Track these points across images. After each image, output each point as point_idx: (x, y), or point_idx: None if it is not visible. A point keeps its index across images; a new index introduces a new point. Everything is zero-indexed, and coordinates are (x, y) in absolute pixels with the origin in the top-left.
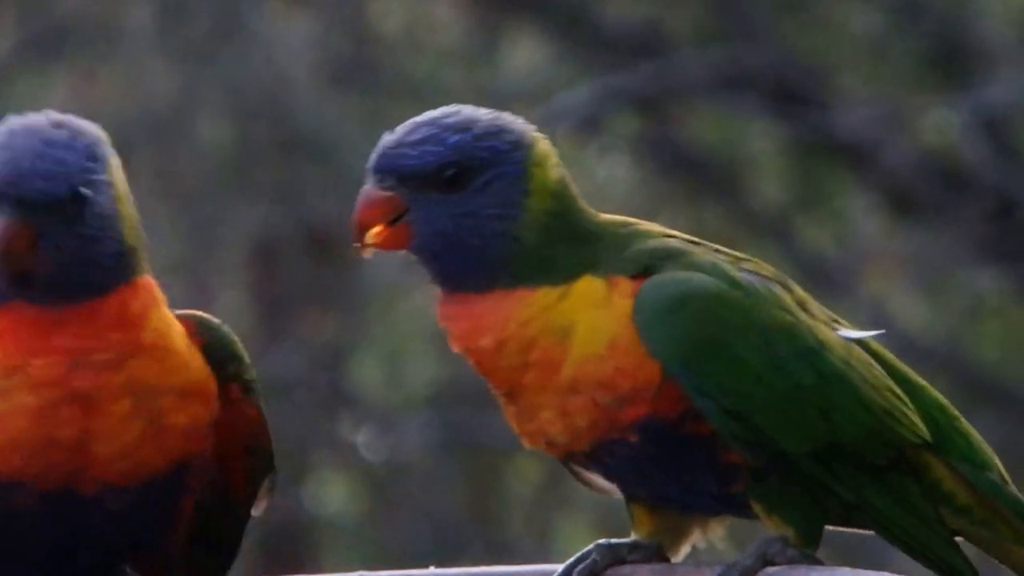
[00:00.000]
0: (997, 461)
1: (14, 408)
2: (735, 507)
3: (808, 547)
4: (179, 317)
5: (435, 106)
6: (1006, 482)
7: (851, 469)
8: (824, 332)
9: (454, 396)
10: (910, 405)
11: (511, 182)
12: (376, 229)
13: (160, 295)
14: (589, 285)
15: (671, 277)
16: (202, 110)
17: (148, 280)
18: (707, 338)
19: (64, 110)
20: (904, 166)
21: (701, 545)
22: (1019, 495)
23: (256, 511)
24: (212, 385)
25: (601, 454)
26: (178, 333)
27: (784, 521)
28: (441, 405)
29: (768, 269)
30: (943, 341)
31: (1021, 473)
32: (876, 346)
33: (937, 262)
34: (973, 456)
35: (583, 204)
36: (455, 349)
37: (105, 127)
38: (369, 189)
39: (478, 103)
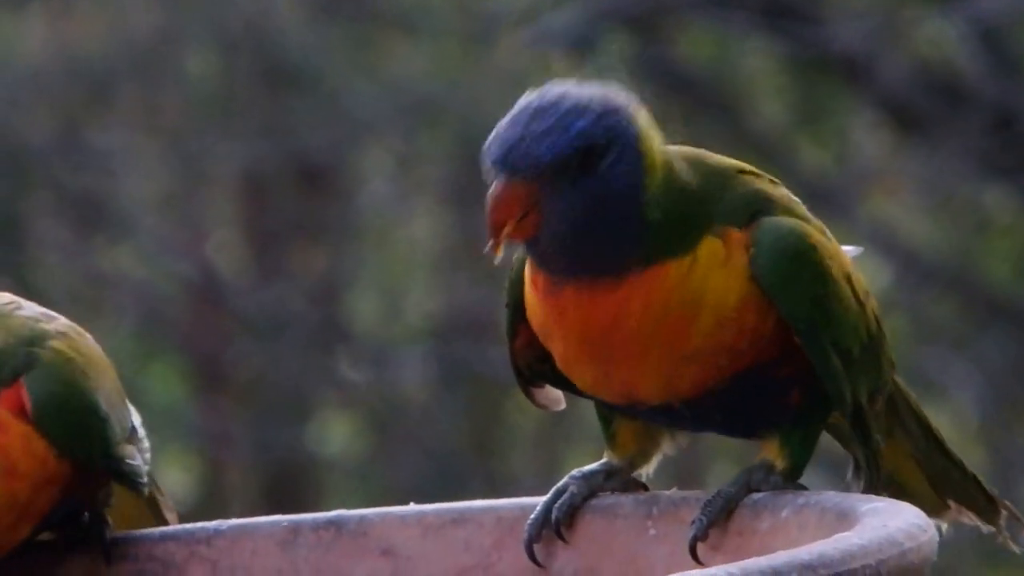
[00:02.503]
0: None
1: None
2: (755, 433)
3: (792, 476)
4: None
5: (423, 33)
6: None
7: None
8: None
9: (453, 329)
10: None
11: (631, 162)
12: (510, 228)
13: None
14: (711, 247)
15: (784, 229)
16: (186, 43)
17: None
18: (822, 289)
19: (44, 48)
20: (901, 80)
21: (670, 453)
22: (905, 389)
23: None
24: (56, 469)
25: (680, 406)
26: None
27: (779, 449)
28: (440, 338)
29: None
30: (949, 259)
31: None
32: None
33: (940, 178)
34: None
35: (676, 158)
36: (573, 337)
37: (87, 63)
38: (501, 186)
39: (467, 27)
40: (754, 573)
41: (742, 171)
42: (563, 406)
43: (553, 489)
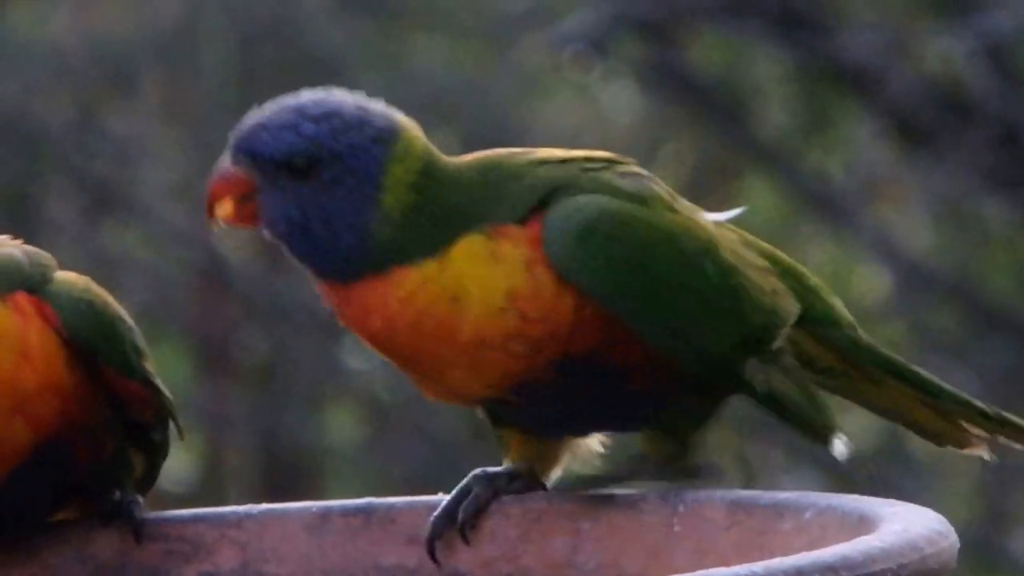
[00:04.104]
0: (846, 312)
1: None
2: (629, 427)
3: (678, 464)
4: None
5: (443, 30)
6: (855, 327)
7: (759, 359)
8: (704, 222)
9: None
10: (781, 279)
11: (365, 179)
12: (227, 203)
13: None
14: (469, 245)
15: (571, 208)
16: (207, 32)
17: None
18: (627, 262)
19: (66, 34)
20: (909, 93)
21: (574, 466)
22: (872, 341)
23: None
24: (67, 377)
25: (510, 396)
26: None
27: (656, 440)
28: None
29: (635, 164)
30: (951, 269)
31: None
32: (732, 227)
33: (943, 190)
34: (829, 315)
35: (450, 170)
36: (344, 325)
37: (109, 49)
38: (224, 163)
39: (485, 27)
40: (778, 573)
41: (543, 162)
42: None
43: (457, 488)
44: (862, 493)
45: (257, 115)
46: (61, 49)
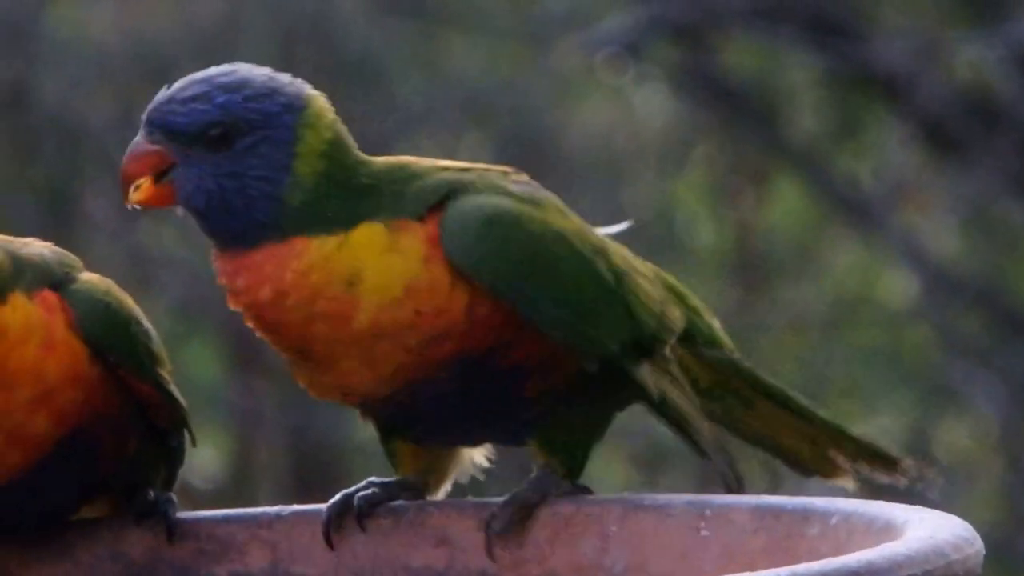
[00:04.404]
0: (725, 335)
1: None
2: (518, 437)
3: (574, 477)
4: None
5: (480, 32)
6: (733, 350)
7: (650, 365)
8: (594, 231)
9: None
10: (669, 295)
11: (278, 145)
12: (143, 183)
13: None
14: (369, 231)
15: (468, 205)
16: (247, 33)
17: None
18: (523, 254)
19: (108, 32)
20: (938, 99)
21: (463, 480)
22: (747, 364)
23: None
24: (87, 373)
25: (402, 396)
26: (19, 338)
27: (554, 453)
28: None
29: (525, 176)
30: (977, 274)
31: None
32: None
33: (971, 195)
34: (710, 334)
35: (360, 156)
36: (234, 307)
37: (150, 49)
38: (137, 141)
39: (521, 29)
40: None
41: (445, 168)
42: None
43: (354, 487)
44: (887, 499)
45: (164, 92)
46: (102, 47)
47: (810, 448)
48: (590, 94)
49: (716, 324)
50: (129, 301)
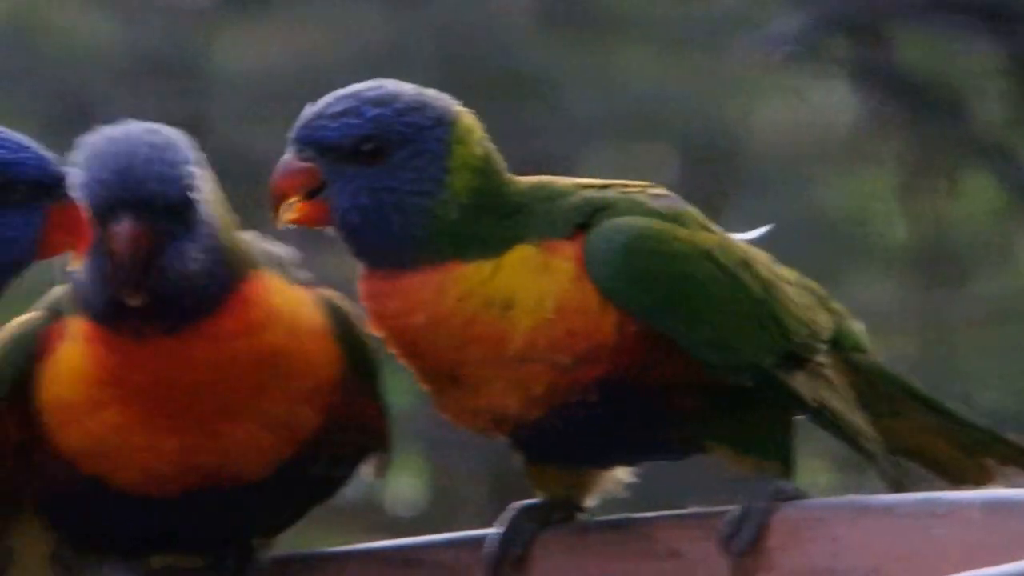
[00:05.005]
0: (866, 338)
1: (147, 446)
2: (678, 453)
3: (792, 475)
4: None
5: (648, 40)
6: (875, 357)
7: (805, 374)
8: (738, 241)
9: None
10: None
11: (431, 159)
12: (294, 201)
13: (276, 287)
14: (523, 253)
15: (613, 226)
16: (413, 52)
17: (257, 280)
18: (669, 274)
19: (272, 60)
20: None
21: (612, 488)
22: (893, 369)
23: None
24: (338, 373)
25: (552, 420)
26: (300, 327)
27: (762, 458)
28: None
29: (663, 189)
30: None
31: None
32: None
33: None
34: (855, 339)
35: (507, 176)
36: (378, 331)
37: (315, 75)
38: (287, 159)
39: (693, 33)
40: None
41: (587, 186)
42: None
43: (500, 522)
44: None
45: (312, 109)
46: (273, 77)
47: (961, 454)
48: (769, 95)
49: (859, 328)
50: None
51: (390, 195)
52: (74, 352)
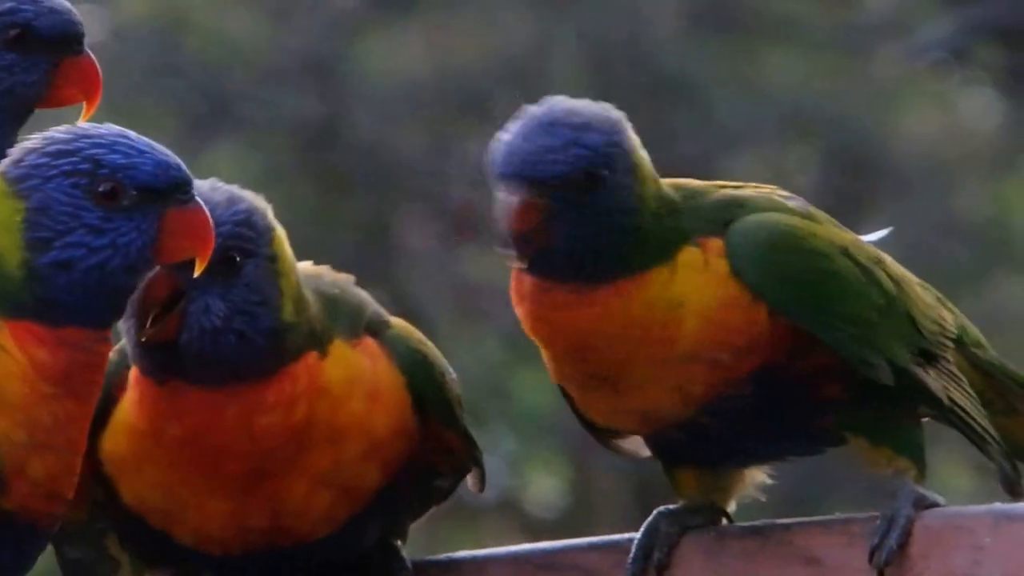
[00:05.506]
0: (983, 337)
1: (205, 508)
2: (819, 444)
3: (925, 476)
4: (382, 345)
5: (795, 46)
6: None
7: (936, 371)
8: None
9: None
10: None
11: (628, 174)
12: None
13: (340, 356)
14: (689, 255)
15: (754, 222)
16: (560, 55)
17: (315, 357)
18: (809, 275)
19: (418, 62)
20: None
21: (751, 490)
22: (1009, 364)
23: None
24: (403, 423)
25: (703, 417)
26: (353, 395)
27: (895, 452)
28: None
29: (787, 193)
30: None
31: None
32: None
33: None
34: (977, 337)
35: (660, 181)
36: (546, 333)
37: (462, 77)
38: (516, 198)
39: (840, 40)
40: None
41: (722, 186)
42: (647, 453)
43: (644, 528)
44: None
45: (518, 146)
46: (412, 79)
47: None
48: (914, 101)
49: (976, 328)
50: (435, 348)
51: (606, 218)
52: (126, 403)
